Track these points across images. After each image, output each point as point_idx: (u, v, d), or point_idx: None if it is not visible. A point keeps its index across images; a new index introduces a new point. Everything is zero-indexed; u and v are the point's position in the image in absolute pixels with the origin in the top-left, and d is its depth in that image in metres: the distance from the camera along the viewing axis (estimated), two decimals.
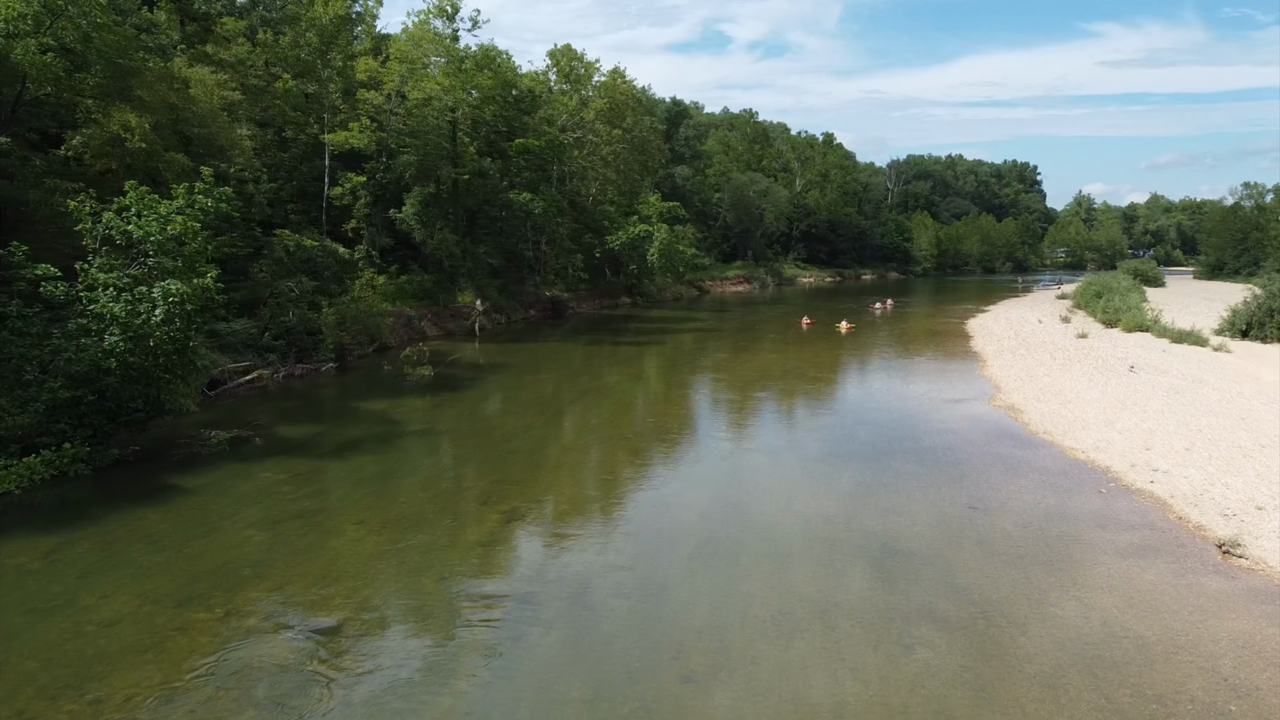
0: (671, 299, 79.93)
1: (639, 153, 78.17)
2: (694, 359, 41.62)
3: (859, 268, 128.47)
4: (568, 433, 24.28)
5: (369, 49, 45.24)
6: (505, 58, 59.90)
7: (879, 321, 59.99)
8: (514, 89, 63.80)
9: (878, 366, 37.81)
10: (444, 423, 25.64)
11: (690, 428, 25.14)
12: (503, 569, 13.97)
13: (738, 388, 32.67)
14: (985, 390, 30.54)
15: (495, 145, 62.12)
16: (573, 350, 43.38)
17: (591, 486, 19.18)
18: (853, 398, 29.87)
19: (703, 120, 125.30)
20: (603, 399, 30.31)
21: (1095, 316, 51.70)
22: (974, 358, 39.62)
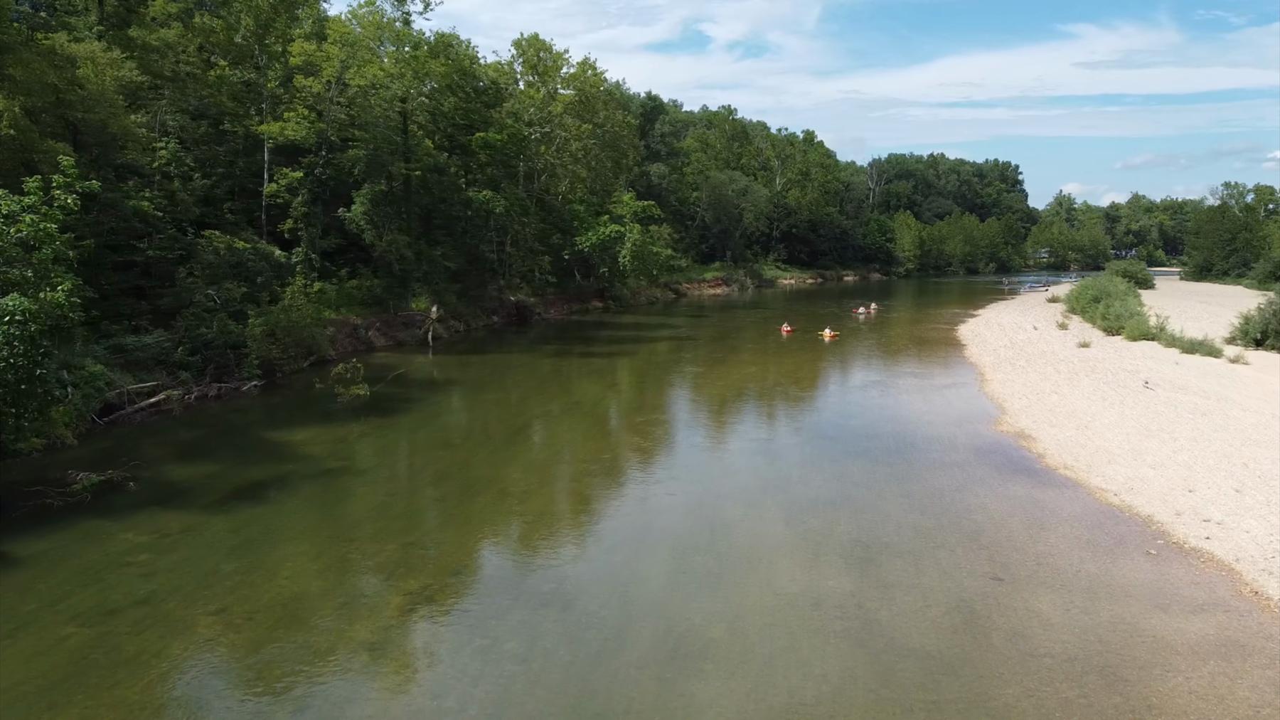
0: (646, 302, 76.64)
1: (611, 149, 74.73)
2: (664, 373, 38.29)
3: (840, 269, 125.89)
4: (509, 472, 20.80)
5: (310, 33, 41.45)
6: (464, 45, 56.17)
7: (863, 327, 57.00)
8: (476, 80, 60.07)
9: (866, 382, 34.66)
10: (366, 457, 22.07)
11: (650, 465, 21.76)
12: (391, 688, 10.48)
13: (711, 409, 29.36)
14: (988, 411, 27.44)
15: (456, 140, 58.46)
16: (531, 363, 39.87)
17: (523, 549, 15.74)
18: (841, 422, 26.61)
19: (680, 118, 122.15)
20: (554, 426, 26.84)
21: (1095, 323, 48.96)
22: (971, 370, 36.63)
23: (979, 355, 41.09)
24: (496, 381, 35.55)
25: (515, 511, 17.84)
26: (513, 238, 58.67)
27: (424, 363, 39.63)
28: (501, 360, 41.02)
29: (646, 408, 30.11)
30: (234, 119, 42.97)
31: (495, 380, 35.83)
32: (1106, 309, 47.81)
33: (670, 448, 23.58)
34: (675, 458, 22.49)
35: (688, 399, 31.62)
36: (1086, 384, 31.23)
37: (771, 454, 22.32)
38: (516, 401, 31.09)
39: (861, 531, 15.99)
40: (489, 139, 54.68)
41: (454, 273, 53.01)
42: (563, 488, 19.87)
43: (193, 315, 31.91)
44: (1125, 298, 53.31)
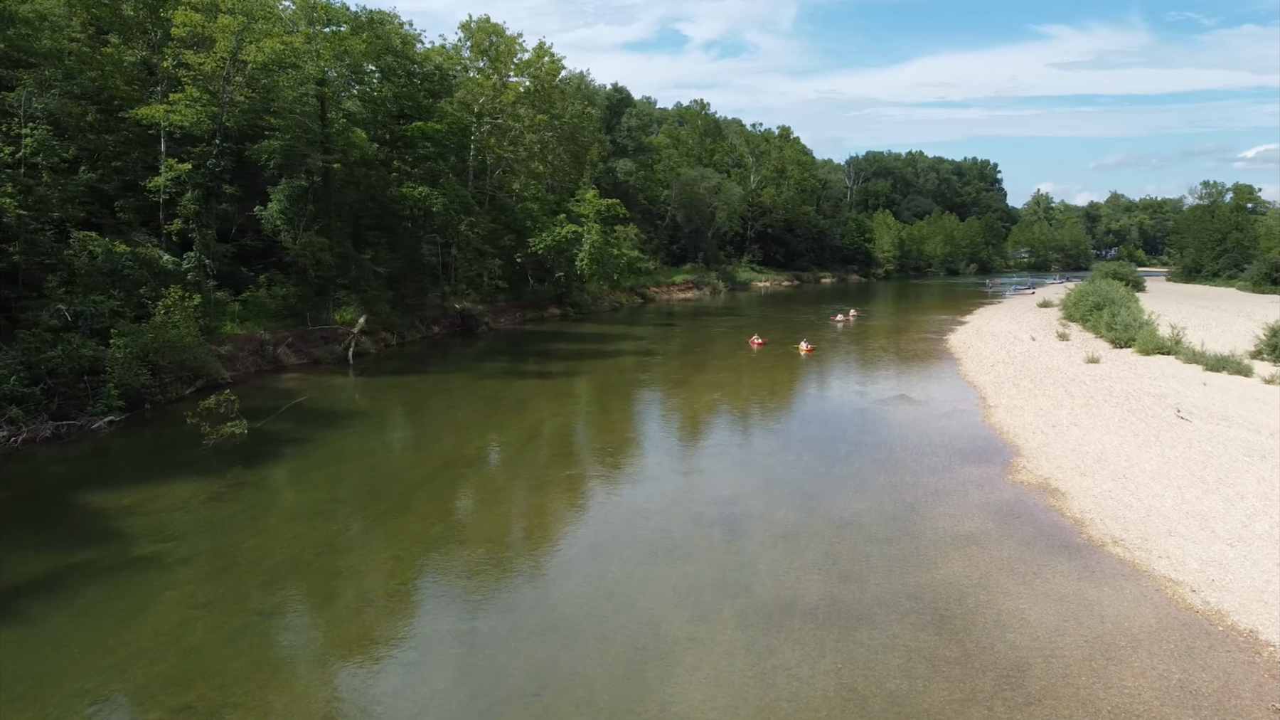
0: (609, 309, 71.64)
1: (570, 143, 69.61)
2: (614, 399, 33.29)
3: (817, 270, 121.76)
4: (380, 560, 15.66)
5: (204, 2, 35.93)
6: (397, 25, 50.76)
7: (842, 337, 52.40)
8: (414, 65, 54.71)
9: (849, 409, 29.89)
10: (199, 536, 16.81)
11: (580, 539, 16.75)
12: None
13: (667, 451, 24.44)
14: (998, 449, 22.81)
15: (396, 133, 53.00)
16: (463, 386, 34.69)
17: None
18: (822, 470, 21.74)
19: (651, 113, 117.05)
20: (465, 479, 21.69)
21: (1100, 334, 44.67)
22: (969, 392, 32.09)
23: (976, 373, 36.49)
24: (416, 411, 30.36)
25: (366, 641, 12.68)
26: (457, 240, 53.32)
27: (339, 385, 34.32)
28: (430, 382, 35.78)
29: (579, 455, 25.00)
30: (129, 104, 37.28)
31: (415, 409, 30.64)
32: (1112, 318, 43.45)
33: (601, 524, 18.54)
34: (616, 529, 17.46)
35: (637, 438, 26.59)
36: (1109, 412, 26.61)
37: (731, 524, 17.34)
38: (430, 439, 25.90)
39: (856, 673, 11.03)
40: (426, 129, 49.45)
41: (388, 279, 47.62)
42: (445, 590, 14.74)
43: (34, 336, 26.35)
44: (1129, 305, 48.97)
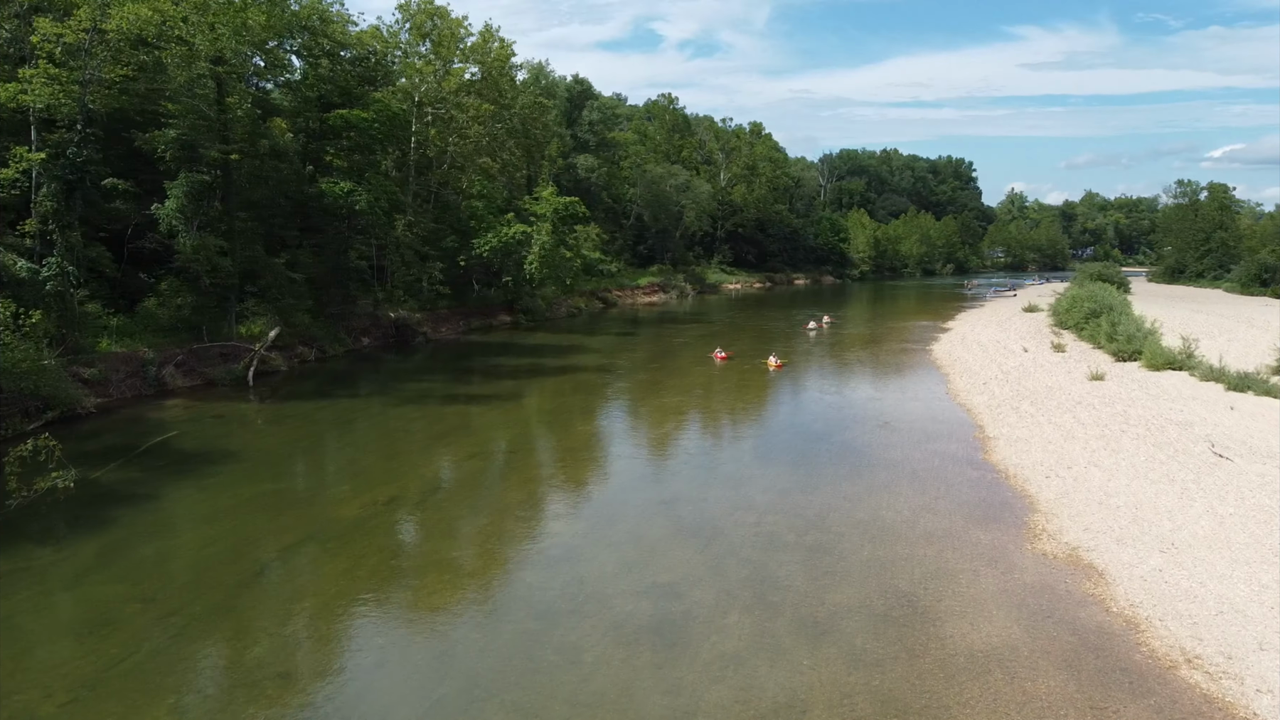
0: (566, 315, 67.09)
1: (523, 136, 64.87)
2: (547, 432, 28.79)
3: (791, 271, 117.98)
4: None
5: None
6: (318, 1, 45.76)
7: (815, 348, 48.26)
8: (343, 48, 49.73)
9: (822, 445, 25.64)
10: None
11: (449, 674, 12.09)
12: None
13: (597, 511, 19.89)
14: (1008, 502, 18.79)
15: (327, 123, 47.80)
16: (373, 414, 29.93)
17: None
18: (791, 539, 17.33)
19: (613, 106, 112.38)
20: (318, 563, 16.82)
21: (1099, 344, 40.91)
22: (963, 418, 28.32)
23: (968, 393, 32.43)
24: (305, 449, 25.62)
25: None
26: (390, 241, 48.41)
27: (228, 414, 29.41)
28: (336, 409, 30.94)
29: (478, 518, 20.33)
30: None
31: (305, 446, 25.89)
32: (1113, 327, 39.58)
33: (486, 650, 13.93)
34: (481, 695, 12.84)
35: (561, 492, 21.98)
36: (1130, 446, 22.51)
37: (665, 636, 12.81)
38: (303, 496, 21.12)
39: None
40: (350, 117, 44.49)
41: (310, 285, 42.59)
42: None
43: None
44: (1128, 312, 45.28)
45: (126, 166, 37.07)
